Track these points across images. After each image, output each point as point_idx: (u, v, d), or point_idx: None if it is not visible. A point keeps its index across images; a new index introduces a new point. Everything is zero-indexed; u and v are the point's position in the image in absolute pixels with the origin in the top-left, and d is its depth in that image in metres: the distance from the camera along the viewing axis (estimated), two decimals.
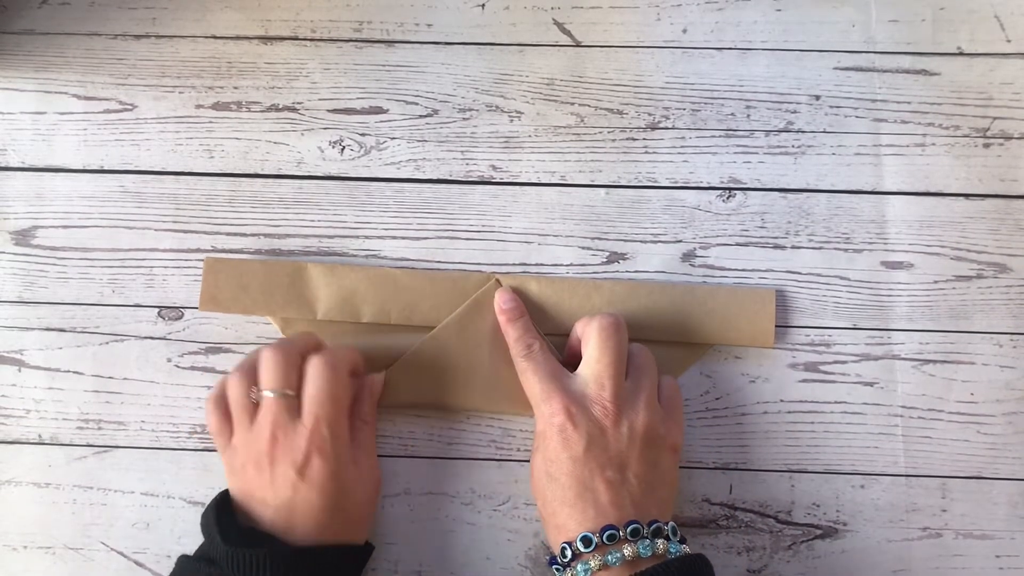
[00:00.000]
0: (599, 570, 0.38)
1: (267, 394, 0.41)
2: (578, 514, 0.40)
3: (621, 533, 0.39)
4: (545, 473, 0.41)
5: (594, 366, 0.42)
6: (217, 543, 0.39)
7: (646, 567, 0.38)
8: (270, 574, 0.38)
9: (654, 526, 0.39)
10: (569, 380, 0.43)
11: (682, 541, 0.40)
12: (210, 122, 0.50)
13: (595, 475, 0.40)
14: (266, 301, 0.47)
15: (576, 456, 0.40)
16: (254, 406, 0.42)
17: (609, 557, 0.38)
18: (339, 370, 0.42)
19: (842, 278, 0.48)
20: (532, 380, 0.43)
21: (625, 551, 0.38)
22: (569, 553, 0.39)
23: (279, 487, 0.40)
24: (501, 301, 0.46)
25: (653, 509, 0.40)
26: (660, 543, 0.39)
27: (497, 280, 0.47)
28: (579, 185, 0.49)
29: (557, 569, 0.40)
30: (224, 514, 0.41)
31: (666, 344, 0.47)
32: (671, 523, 0.40)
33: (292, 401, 0.42)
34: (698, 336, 0.47)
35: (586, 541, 0.39)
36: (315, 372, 0.42)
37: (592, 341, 0.43)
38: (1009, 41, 0.50)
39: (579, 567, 0.39)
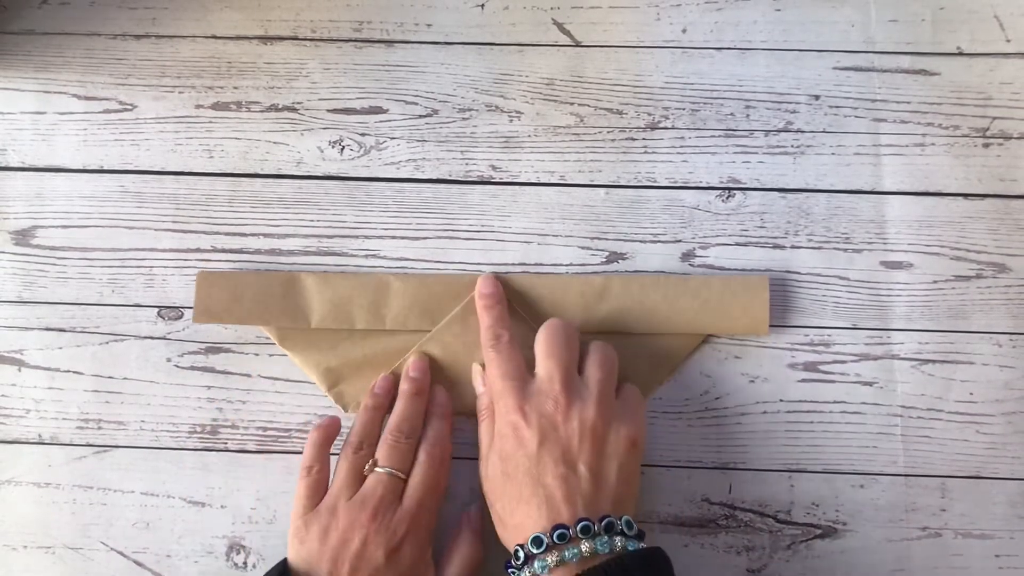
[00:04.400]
0: (556, 567, 0.38)
1: (381, 471, 0.43)
2: (534, 511, 0.40)
3: (571, 532, 0.39)
4: (501, 472, 0.42)
5: (544, 362, 0.43)
6: None
7: (602, 561, 0.38)
8: None
9: (606, 521, 0.39)
10: (526, 378, 0.43)
11: (639, 537, 0.40)
12: (210, 122, 0.50)
13: (547, 471, 0.40)
14: (260, 311, 0.47)
15: (530, 453, 0.41)
16: (362, 479, 0.43)
17: (566, 553, 0.38)
18: (446, 462, 0.45)
19: (842, 278, 0.48)
20: (493, 374, 0.43)
21: (583, 547, 0.38)
22: (522, 555, 0.39)
23: (359, 563, 0.41)
24: (481, 286, 0.46)
25: (606, 504, 0.40)
26: (618, 540, 0.39)
27: None
28: (579, 185, 0.49)
29: (512, 573, 0.40)
30: None
31: (662, 336, 0.47)
32: (625, 518, 0.40)
33: (400, 484, 0.43)
34: (694, 326, 0.47)
35: (537, 542, 0.39)
36: (426, 460, 0.44)
37: (540, 340, 0.43)
38: (1009, 41, 0.50)
39: (536, 564, 0.38)
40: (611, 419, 0.42)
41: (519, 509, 0.40)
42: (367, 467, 0.43)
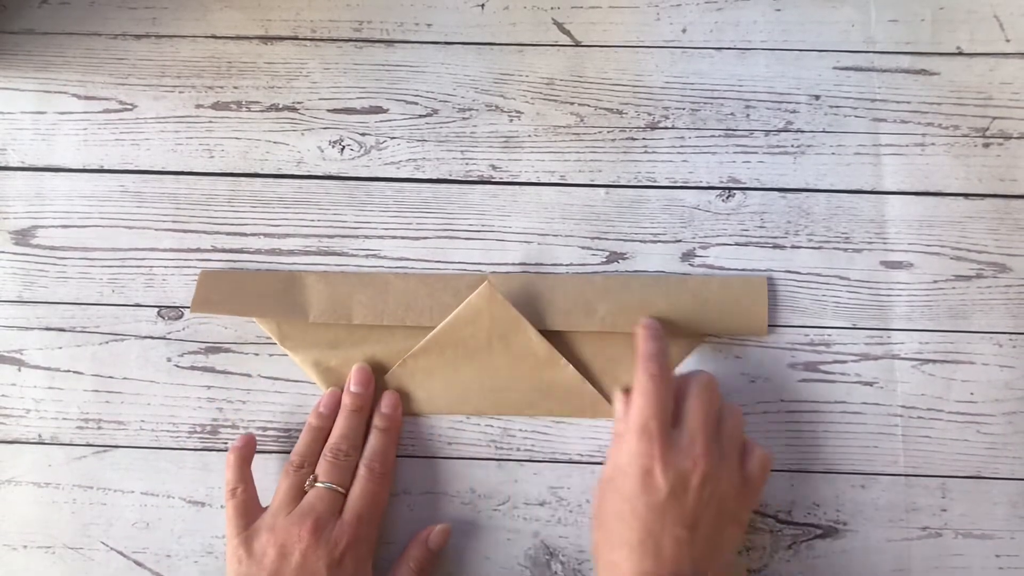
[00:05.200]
0: None
1: (321, 486, 0.43)
2: (637, 558, 0.39)
3: None
4: (615, 511, 0.40)
5: (690, 421, 0.41)
6: None
7: None
8: None
9: None
10: (670, 425, 0.41)
11: None
12: (210, 122, 0.50)
13: (666, 528, 0.39)
14: (259, 304, 0.47)
15: (654, 504, 0.39)
16: (302, 496, 0.43)
17: None
18: (387, 476, 0.45)
19: (842, 278, 0.48)
20: (644, 409, 0.41)
21: None
22: None
23: None
24: (648, 320, 0.44)
25: (710, 573, 0.40)
26: None
27: (489, 280, 0.47)
28: (579, 185, 0.49)
29: None
30: None
31: None
32: None
33: (340, 499, 0.43)
34: (693, 327, 0.47)
35: None
36: (366, 474, 0.44)
37: (691, 394, 0.42)
38: (1008, 41, 0.50)
39: None
40: (735, 496, 0.41)
41: (622, 551, 0.39)
42: (307, 483, 0.43)
